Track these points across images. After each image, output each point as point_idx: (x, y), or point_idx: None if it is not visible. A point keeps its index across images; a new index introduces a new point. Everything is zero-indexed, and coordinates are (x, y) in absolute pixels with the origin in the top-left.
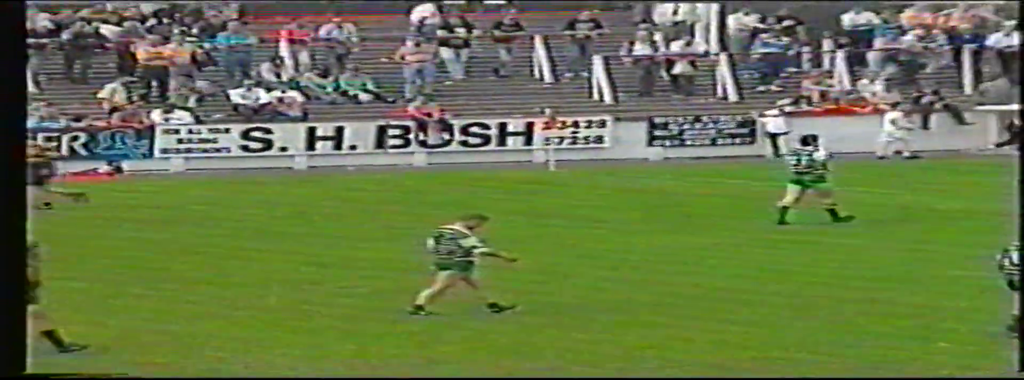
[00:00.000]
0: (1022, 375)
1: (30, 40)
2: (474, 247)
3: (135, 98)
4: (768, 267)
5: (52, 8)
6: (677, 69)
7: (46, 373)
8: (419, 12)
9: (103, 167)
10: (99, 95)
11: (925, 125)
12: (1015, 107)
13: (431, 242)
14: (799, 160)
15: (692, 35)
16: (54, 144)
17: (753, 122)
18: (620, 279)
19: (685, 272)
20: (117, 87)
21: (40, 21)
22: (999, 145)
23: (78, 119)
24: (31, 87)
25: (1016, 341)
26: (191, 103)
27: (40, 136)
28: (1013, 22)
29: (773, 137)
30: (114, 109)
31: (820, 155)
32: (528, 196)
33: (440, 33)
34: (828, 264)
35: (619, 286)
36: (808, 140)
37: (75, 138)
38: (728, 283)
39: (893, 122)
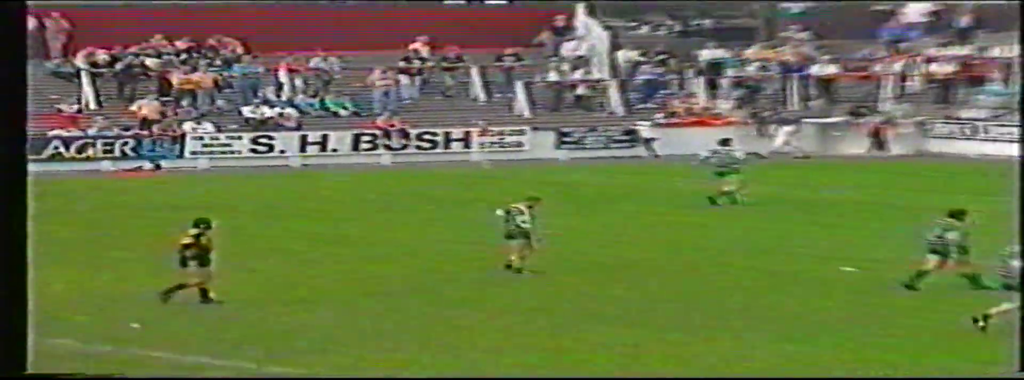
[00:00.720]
0: (1022, 375)
1: (93, 70)
2: (522, 221)
3: (168, 113)
4: (653, 239)
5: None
6: (579, 91)
7: (46, 373)
8: (413, 47)
9: (146, 165)
10: (131, 108)
11: (761, 133)
12: (833, 120)
13: (500, 213)
14: (720, 156)
15: (590, 66)
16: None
17: (635, 131)
18: (543, 251)
19: (589, 243)
20: (144, 102)
21: (100, 55)
22: (869, 150)
23: (127, 129)
24: (92, 105)
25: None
26: (194, 114)
27: (99, 142)
28: (830, 56)
29: (647, 142)
30: (144, 120)
31: (739, 154)
32: (467, 187)
33: (400, 64)
34: (699, 238)
35: (543, 256)
36: (726, 142)
37: (125, 143)
38: (622, 252)
39: (789, 134)
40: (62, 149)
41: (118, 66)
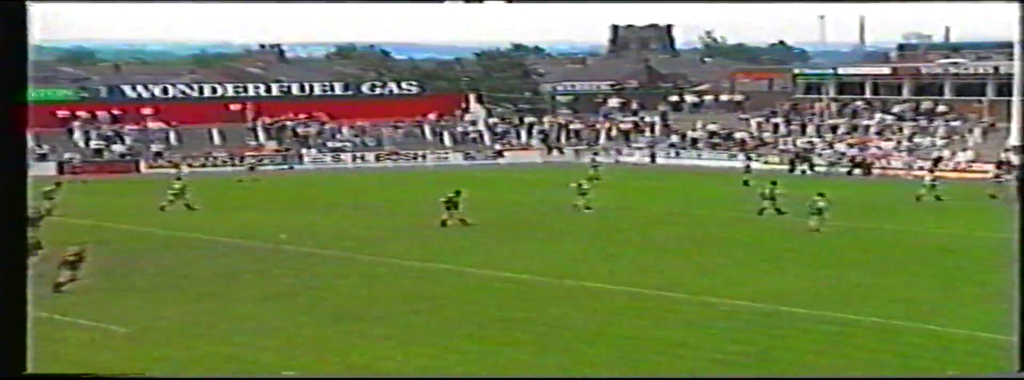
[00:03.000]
0: (1022, 375)
1: (263, 128)
2: (584, 188)
3: (282, 146)
4: (520, 201)
5: None
6: (471, 135)
7: (46, 373)
8: (397, 117)
9: (287, 168)
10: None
11: (549, 154)
12: (579, 148)
13: (573, 185)
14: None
15: (477, 124)
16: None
17: (500, 152)
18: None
19: (490, 196)
20: (270, 143)
21: (267, 120)
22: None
23: (277, 152)
24: (264, 142)
25: None
26: (302, 146)
27: (266, 159)
28: (579, 120)
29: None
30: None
31: (598, 160)
32: (424, 175)
33: (392, 123)
34: (550, 201)
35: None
36: (595, 154)
37: (281, 160)
38: (508, 202)
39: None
40: (254, 162)
41: (276, 127)
